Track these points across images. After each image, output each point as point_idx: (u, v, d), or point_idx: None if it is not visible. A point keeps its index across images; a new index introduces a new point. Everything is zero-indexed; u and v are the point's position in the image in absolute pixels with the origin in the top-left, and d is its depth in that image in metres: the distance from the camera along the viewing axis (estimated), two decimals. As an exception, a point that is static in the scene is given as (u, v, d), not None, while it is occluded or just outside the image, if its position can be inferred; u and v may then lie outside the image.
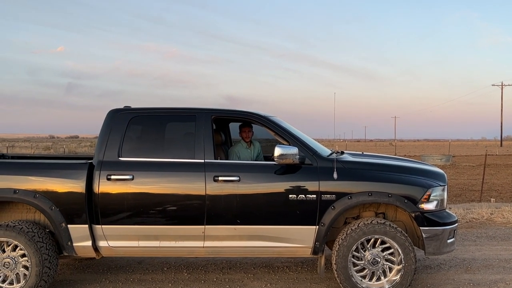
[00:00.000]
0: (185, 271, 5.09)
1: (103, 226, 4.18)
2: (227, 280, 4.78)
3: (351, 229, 4.16)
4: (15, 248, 4.11)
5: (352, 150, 5.51)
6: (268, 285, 4.63)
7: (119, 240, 4.24)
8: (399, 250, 4.10)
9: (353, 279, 4.11)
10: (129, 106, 4.60)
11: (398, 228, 4.17)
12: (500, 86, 68.09)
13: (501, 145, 61.29)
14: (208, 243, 4.23)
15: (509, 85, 68.79)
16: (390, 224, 4.15)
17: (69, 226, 4.15)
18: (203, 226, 4.18)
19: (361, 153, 5.36)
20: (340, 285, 4.20)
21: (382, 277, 4.17)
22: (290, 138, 4.36)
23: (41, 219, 4.39)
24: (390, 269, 4.17)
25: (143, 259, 5.52)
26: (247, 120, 4.73)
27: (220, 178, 4.17)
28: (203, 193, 4.16)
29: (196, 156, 4.28)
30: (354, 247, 4.13)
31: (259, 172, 4.29)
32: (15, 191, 4.13)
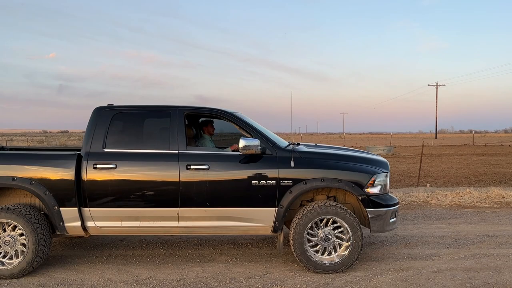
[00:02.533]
0: (161, 247, 5.73)
1: (90, 208, 4.70)
2: (198, 255, 5.39)
3: (307, 210, 4.71)
4: (14, 228, 4.62)
5: (307, 142, 6.15)
6: (234, 259, 5.23)
7: (104, 220, 4.76)
8: (348, 228, 4.67)
9: (307, 253, 4.68)
10: (112, 104, 5.09)
11: (347, 210, 4.73)
12: (435, 86, 73.84)
13: (436, 137, 68.34)
14: (182, 223, 4.77)
15: (443, 84, 75.98)
16: (340, 206, 4.71)
17: (61, 209, 4.67)
18: (178, 209, 4.71)
19: (314, 144, 5.91)
20: (296, 258, 4.76)
21: (333, 252, 4.75)
22: (253, 132, 4.92)
23: (36, 203, 4.90)
24: (340, 245, 4.75)
25: (125, 237, 6.18)
26: (215, 116, 5.30)
27: (192, 167, 4.71)
28: (177, 179, 4.69)
29: (171, 147, 4.79)
30: (309, 226, 4.69)
31: (225, 161, 4.80)
32: (13, 178, 4.64)
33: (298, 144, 5.50)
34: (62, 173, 4.69)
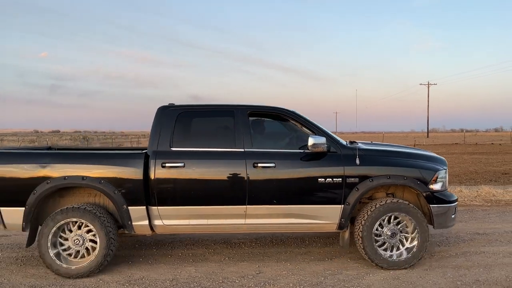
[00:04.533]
0: (154, 247, 5.74)
1: (159, 207, 4.70)
2: (190, 255, 5.40)
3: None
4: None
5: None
6: (227, 259, 5.24)
7: (172, 219, 4.75)
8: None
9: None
10: (173, 104, 5.07)
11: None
12: (427, 85, 75.00)
13: (427, 136, 69.16)
14: (248, 221, 4.80)
15: (434, 84, 76.42)
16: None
17: (129, 207, 4.66)
18: (245, 206, 4.73)
19: (370, 142, 5.79)
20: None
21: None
22: (316, 130, 4.95)
23: (100, 202, 4.95)
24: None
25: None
26: (277, 114, 5.16)
27: (259, 165, 4.72)
28: (244, 177, 4.70)
29: (237, 145, 4.82)
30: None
31: (291, 159, 4.80)
32: (83, 177, 4.61)
33: (355, 142, 5.48)
34: (131, 172, 4.68)
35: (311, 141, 4.67)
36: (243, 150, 4.81)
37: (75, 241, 4.65)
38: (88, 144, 39.61)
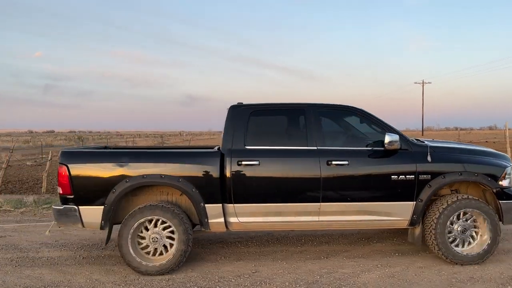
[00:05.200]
0: (150, 247, 5.75)
1: (235, 204, 4.75)
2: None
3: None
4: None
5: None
6: (223, 258, 5.23)
7: (248, 216, 4.80)
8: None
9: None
10: (242, 103, 5.12)
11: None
12: (421, 84, 75.82)
13: (422, 135, 69.61)
14: (322, 218, 4.84)
15: (429, 82, 76.98)
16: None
17: (206, 205, 4.72)
18: (319, 203, 4.78)
19: (432, 140, 5.85)
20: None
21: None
22: (387, 128, 5.01)
23: (172, 200, 5.00)
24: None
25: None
26: (347, 112, 5.24)
27: (333, 163, 4.77)
28: (318, 175, 4.75)
29: (309, 143, 4.88)
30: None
31: (363, 157, 4.86)
32: (161, 176, 4.67)
33: (419, 139, 5.52)
34: (207, 170, 4.74)
35: (387, 138, 4.74)
36: (316, 148, 4.87)
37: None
38: (83, 144, 39.44)
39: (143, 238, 4.72)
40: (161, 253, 4.73)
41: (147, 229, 4.72)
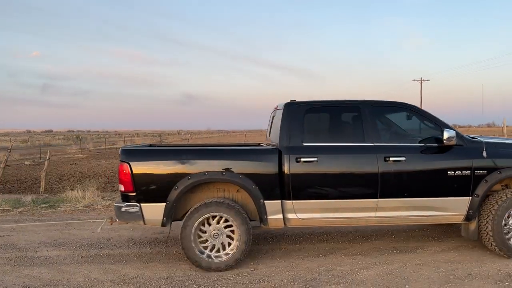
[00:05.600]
0: (148, 246, 5.73)
1: (293, 201, 4.78)
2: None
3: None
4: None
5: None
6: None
7: (306, 212, 4.83)
8: None
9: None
10: (295, 100, 5.18)
11: None
12: (420, 81, 76.05)
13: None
14: (379, 214, 4.89)
15: (427, 80, 77.14)
16: None
17: (265, 201, 4.76)
18: (377, 199, 4.83)
19: (479, 136, 5.90)
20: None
21: None
22: (441, 124, 5.05)
23: (229, 196, 5.05)
24: None
25: (111, 237, 6.17)
26: (401, 108, 5.27)
27: (390, 159, 4.82)
28: (376, 171, 4.81)
29: (366, 140, 4.93)
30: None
31: (419, 153, 4.91)
32: (223, 173, 4.73)
33: (471, 136, 5.59)
34: (267, 167, 4.79)
35: (446, 134, 4.79)
36: (372, 144, 4.92)
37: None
38: (82, 143, 39.38)
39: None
40: (218, 250, 4.78)
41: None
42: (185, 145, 6.18)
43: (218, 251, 4.77)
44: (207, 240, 4.77)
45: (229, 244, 4.77)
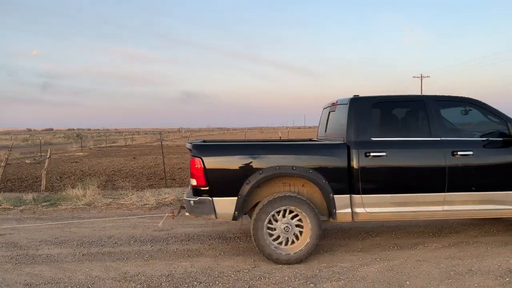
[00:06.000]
0: (149, 244, 5.73)
1: (362, 195, 4.84)
2: (186, 250, 5.40)
3: None
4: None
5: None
6: (222, 253, 5.25)
7: (374, 207, 4.88)
8: None
9: None
10: (358, 95, 5.22)
11: None
12: (420, 78, 75.93)
13: None
14: (446, 207, 4.95)
15: (427, 76, 76.97)
16: None
17: (334, 196, 4.83)
18: (444, 193, 4.90)
19: None
20: None
21: None
22: (506, 118, 5.13)
23: (295, 191, 5.07)
24: None
25: (112, 234, 6.18)
26: (465, 103, 5.29)
27: (458, 153, 4.90)
28: (444, 165, 4.88)
29: (432, 135, 5.00)
30: None
31: (484, 147, 5.00)
32: (293, 167, 4.79)
33: None
34: (336, 162, 4.87)
35: None
36: (440, 139, 5.00)
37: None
38: (82, 141, 39.38)
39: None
40: (286, 243, 4.85)
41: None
42: (254, 140, 6.23)
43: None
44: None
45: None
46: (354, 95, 5.25)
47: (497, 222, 6.45)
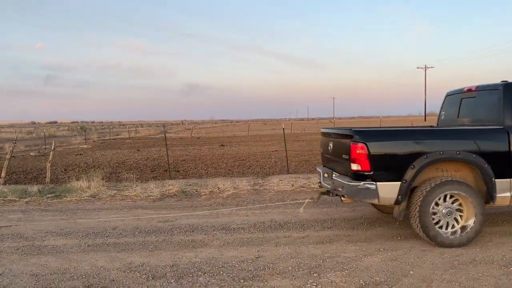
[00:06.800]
0: (153, 235, 5.77)
1: None
2: (190, 241, 5.44)
3: None
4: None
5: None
6: (226, 244, 5.28)
7: None
8: None
9: None
10: (506, 80, 5.29)
11: None
12: (424, 69, 74.80)
13: (425, 120, 69.51)
14: None
15: (431, 67, 75.30)
16: None
17: (496, 180, 4.94)
18: None
19: None
20: None
21: None
22: None
23: (448, 175, 5.12)
24: None
25: (117, 225, 6.23)
26: None
27: None
28: None
29: None
30: None
31: None
32: (457, 152, 4.88)
33: None
34: (498, 147, 4.98)
35: None
36: None
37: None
38: (86, 134, 39.51)
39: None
40: (448, 227, 4.93)
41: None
42: (415, 127, 6.27)
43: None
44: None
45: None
46: (503, 81, 5.30)
47: (502, 212, 6.44)
